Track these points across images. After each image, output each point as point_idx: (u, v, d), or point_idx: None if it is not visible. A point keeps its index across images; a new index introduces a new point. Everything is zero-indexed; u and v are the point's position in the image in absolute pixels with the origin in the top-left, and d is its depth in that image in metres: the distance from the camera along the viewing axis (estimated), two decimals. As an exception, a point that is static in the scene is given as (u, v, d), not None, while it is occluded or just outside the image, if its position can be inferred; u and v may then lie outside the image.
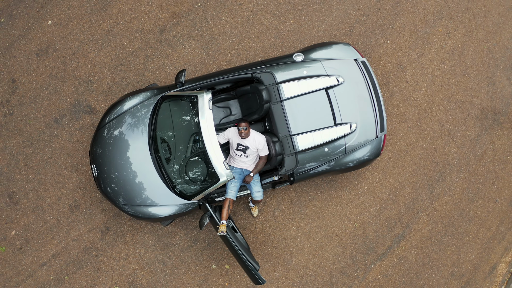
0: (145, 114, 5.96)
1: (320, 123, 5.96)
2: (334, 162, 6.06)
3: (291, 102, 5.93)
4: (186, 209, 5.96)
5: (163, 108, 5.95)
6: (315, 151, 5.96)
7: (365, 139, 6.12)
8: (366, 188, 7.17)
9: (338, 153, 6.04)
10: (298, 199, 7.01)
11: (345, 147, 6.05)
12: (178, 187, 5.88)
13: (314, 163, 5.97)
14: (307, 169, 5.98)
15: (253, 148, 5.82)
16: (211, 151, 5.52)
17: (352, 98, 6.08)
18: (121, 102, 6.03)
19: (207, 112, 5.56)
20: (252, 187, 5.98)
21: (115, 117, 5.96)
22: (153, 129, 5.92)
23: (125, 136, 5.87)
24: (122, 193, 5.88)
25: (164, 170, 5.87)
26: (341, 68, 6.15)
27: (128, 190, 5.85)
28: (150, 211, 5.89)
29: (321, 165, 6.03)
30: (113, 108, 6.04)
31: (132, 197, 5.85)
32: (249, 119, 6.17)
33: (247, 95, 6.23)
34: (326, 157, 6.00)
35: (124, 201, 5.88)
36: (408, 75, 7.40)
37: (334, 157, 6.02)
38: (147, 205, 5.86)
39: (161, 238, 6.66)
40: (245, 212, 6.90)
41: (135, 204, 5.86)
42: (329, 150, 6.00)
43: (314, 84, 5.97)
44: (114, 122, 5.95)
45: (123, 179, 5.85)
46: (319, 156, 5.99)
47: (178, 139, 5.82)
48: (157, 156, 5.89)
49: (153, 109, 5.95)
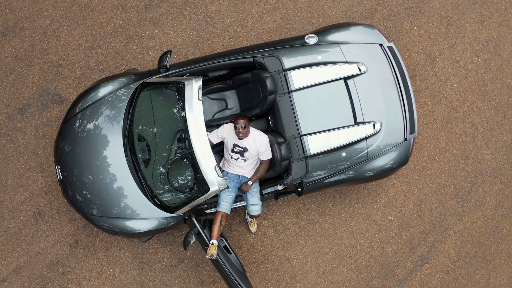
0: (120, 105, 4.83)
1: (337, 121, 4.87)
2: (352, 171, 4.92)
3: (301, 94, 4.82)
4: (168, 224, 4.88)
5: (143, 98, 4.85)
6: (330, 156, 4.84)
7: (391, 143, 5.02)
8: (387, 200, 6.11)
9: (358, 159, 4.90)
10: (305, 213, 5.97)
11: (367, 151, 4.92)
12: (159, 196, 4.76)
13: (328, 171, 4.84)
14: (319, 178, 4.84)
15: (253, 150, 4.71)
16: (200, 153, 4.45)
17: (377, 92, 4.98)
18: (94, 89, 5.02)
19: (196, 103, 4.45)
20: (249, 199, 4.87)
21: (87, 105, 4.95)
22: (129, 123, 4.79)
23: (102, 130, 4.88)
24: (96, 202, 4.87)
25: (142, 175, 4.76)
26: (364, 54, 5.09)
27: (104, 198, 4.85)
28: (128, 225, 4.89)
29: (337, 173, 4.88)
30: (85, 95, 5.03)
31: (108, 207, 4.86)
32: (249, 115, 5.05)
33: (247, 85, 5.14)
34: (343, 163, 4.87)
35: (98, 212, 4.88)
36: (437, 68, 6.58)
37: (352, 164, 4.89)
38: (124, 218, 4.86)
39: (140, 255, 5.82)
40: (241, 226, 5.88)
41: (111, 216, 4.86)
42: (347, 155, 4.87)
43: (330, 72, 4.86)
44: (87, 113, 4.93)
45: (99, 184, 4.85)
46: (335, 162, 4.86)
47: (160, 137, 4.74)
48: (134, 157, 4.76)
49: (130, 99, 4.84)
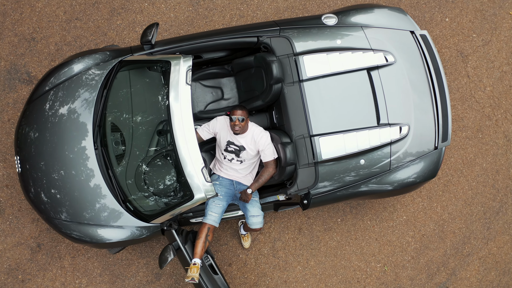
0: (93, 86, 3.97)
1: (356, 120, 4.02)
2: (371, 182, 4.04)
3: (314, 85, 3.96)
4: (141, 236, 4.01)
5: (120, 79, 4.04)
6: (345, 164, 3.96)
7: (419, 151, 4.17)
8: (405, 218, 5.26)
9: (378, 169, 4.02)
10: (309, 228, 5.14)
11: (390, 160, 4.03)
12: (132, 201, 3.89)
13: (342, 181, 3.97)
14: (330, 189, 3.96)
15: (251, 149, 3.89)
16: (184, 151, 3.62)
17: (405, 88, 4.14)
18: (68, 64, 4.16)
19: (183, 89, 3.60)
20: (248, 209, 4.00)
21: (60, 82, 4.09)
22: (102, 109, 3.92)
23: (79, 115, 4.02)
24: (66, 204, 4.00)
25: (113, 173, 3.88)
26: (392, 41, 4.24)
27: (76, 199, 3.98)
28: (99, 233, 4.04)
29: (353, 185, 4.00)
30: (57, 71, 4.16)
31: (80, 211, 4.00)
32: (249, 107, 4.17)
33: (248, 71, 4.27)
34: (361, 174, 3.99)
35: (68, 216, 4.02)
36: (470, 67, 5.79)
37: (372, 175, 4.01)
38: (98, 225, 4.01)
39: (111, 267, 5.03)
40: (232, 240, 5.01)
41: (82, 222, 4.00)
42: (366, 162, 3.98)
43: (351, 60, 4.00)
44: (60, 92, 4.06)
45: (71, 182, 3.98)
46: (351, 171, 3.99)
47: (138, 128, 3.90)
48: (105, 151, 3.89)
49: (104, 79, 3.99)
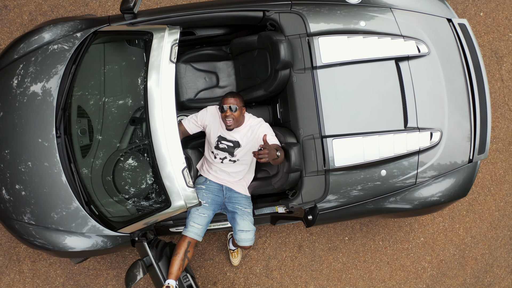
0: (60, 60, 3.26)
1: (380, 121, 3.28)
2: (390, 198, 3.32)
3: (330, 74, 3.24)
4: (105, 247, 3.31)
5: (92, 54, 3.32)
6: (363, 174, 3.24)
7: (450, 163, 3.43)
8: (422, 240, 4.55)
9: (402, 183, 3.29)
10: (310, 246, 4.43)
11: (417, 173, 3.30)
12: (98, 204, 3.18)
13: (356, 195, 3.23)
14: (341, 204, 3.22)
15: (247, 145, 3.20)
16: (162, 147, 2.92)
17: (439, 85, 3.44)
18: (37, 32, 3.47)
19: (165, 68, 2.91)
20: (238, 222, 3.29)
21: (32, 50, 3.40)
22: (68, 89, 3.22)
23: (46, 96, 3.35)
24: (32, 202, 3.30)
25: (76, 168, 3.16)
26: (425, 29, 3.51)
27: (45, 197, 3.29)
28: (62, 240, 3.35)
29: (369, 200, 3.27)
30: (26, 38, 3.47)
31: (47, 212, 3.31)
32: (248, 97, 3.46)
33: (250, 54, 3.55)
34: (381, 187, 3.26)
35: (32, 218, 3.32)
36: (504, 70, 5.06)
37: (393, 190, 3.28)
38: (57, 230, 3.33)
39: (76, 277, 4.36)
40: (219, 255, 4.32)
41: (48, 226, 3.32)
42: (388, 173, 3.24)
43: (377, 47, 3.30)
44: (32, 68, 3.38)
45: (41, 176, 3.29)
46: (368, 183, 3.23)
47: (109, 115, 3.18)
48: (68, 140, 3.18)
49: (74, 53, 3.32)
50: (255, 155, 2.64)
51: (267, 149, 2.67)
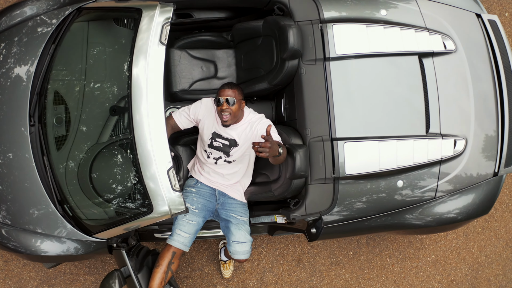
0: (40, 38, 2.89)
1: (399, 124, 2.87)
2: (406, 214, 2.93)
3: (345, 67, 2.84)
4: (77, 253, 2.91)
5: (75, 32, 2.92)
6: (376, 183, 2.82)
7: (473, 175, 3.04)
8: (433, 258, 4.16)
9: (419, 196, 2.90)
10: (311, 260, 4.04)
11: (437, 185, 2.91)
12: (72, 203, 2.79)
13: (367, 208, 2.83)
14: (349, 217, 2.82)
15: (245, 144, 2.80)
16: (146, 143, 2.49)
17: (465, 87, 3.03)
18: (20, 5, 3.08)
19: (154, 51, 2.53)
20: (232, 232, 2.89)
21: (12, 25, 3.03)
22: (45, 73, 2.87)
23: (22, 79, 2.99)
24: (9, 198, 2.90)
25: (49, 162, 2.77)
26: (452, 23, 3.10)
27: (25, 193, 2.89)
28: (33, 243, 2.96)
29: (381, 215, 2.87)
30: (7, 12, 3.09)
31: (24, 210, 2.91)
32: (250, 90, 3.05)
33: (254, 41, 3.15)
34: (395, 200, 2.86)
35: (7, 216, 2.93)
36: None
37: (409, 204, 2.89)
38: (30, 231, 2.94)
39: (51, 281, 3.95)
40: (209, 265, 3.93)
41: (23, 227, 2.93)
42: (404, 185, 2.84)
43: (399, 39, 2.90)
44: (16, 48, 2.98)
45: (22, 169, 2.89)
46: (382, 193, 2.84)
47: (90, 103, 2.76)
48: (42, 129, 2.79)
49: (55, 31, 2.96)
50: (254, 147, 2.23)
51: (269, 142, 2.26)
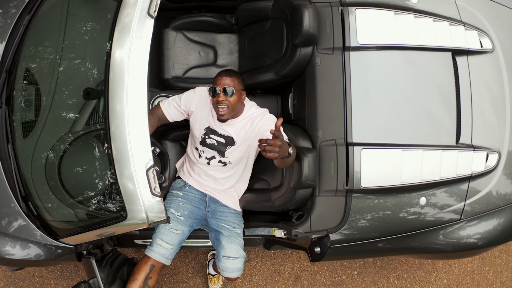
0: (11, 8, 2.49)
1: (426, 132, 2.45)
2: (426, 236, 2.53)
3: (367, 59, 2.43)
4: (38, 258, 2.56)
5: (53, 3, 2.53)
6: (395, 199, 2.40)
7: (504, 195, 2.64)
8: (445, 282, 3.80)
9: (441, 217, 2.49)
10: (310, 278, 3.67)
11: (465, 204, 2.50)
12: (37, 201, 2.38)
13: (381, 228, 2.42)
14: (359, 237, 2.41)
15: (243, 143, 2.40)
16: (124, 137, 2.08)
17: (501, 93, 2.66)
18: None
19: (140, 26, 2.11)
20: (223, 245, 2.49)
21: None
22: (17, 47, 2.48)
23: None
24: None
25: (14, 150, 2.37)
26: (490, 19, 2.70)
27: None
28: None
29: (397, 236, 2.46)
30: None
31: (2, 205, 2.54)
32: (252, 81, 2.64)
33: (260, 25, 2.73)
34: (416, 219, 2.46)
35: None
36: None
37: (430, 226, 2.49)
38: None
39: (18, 282, 3.59)
40: (195, 277, 3.56)
41: None
42: (428, 203, 2.43)
43: (431, 32, 2.50)
44: None
45: None
46: (401, 212, 2.43)
47: (64, 85, 2.35)
48: (8, 112, 2.40)
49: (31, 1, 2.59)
50: (261, 144, 1.76)
51: (280, 140, 1.77)
